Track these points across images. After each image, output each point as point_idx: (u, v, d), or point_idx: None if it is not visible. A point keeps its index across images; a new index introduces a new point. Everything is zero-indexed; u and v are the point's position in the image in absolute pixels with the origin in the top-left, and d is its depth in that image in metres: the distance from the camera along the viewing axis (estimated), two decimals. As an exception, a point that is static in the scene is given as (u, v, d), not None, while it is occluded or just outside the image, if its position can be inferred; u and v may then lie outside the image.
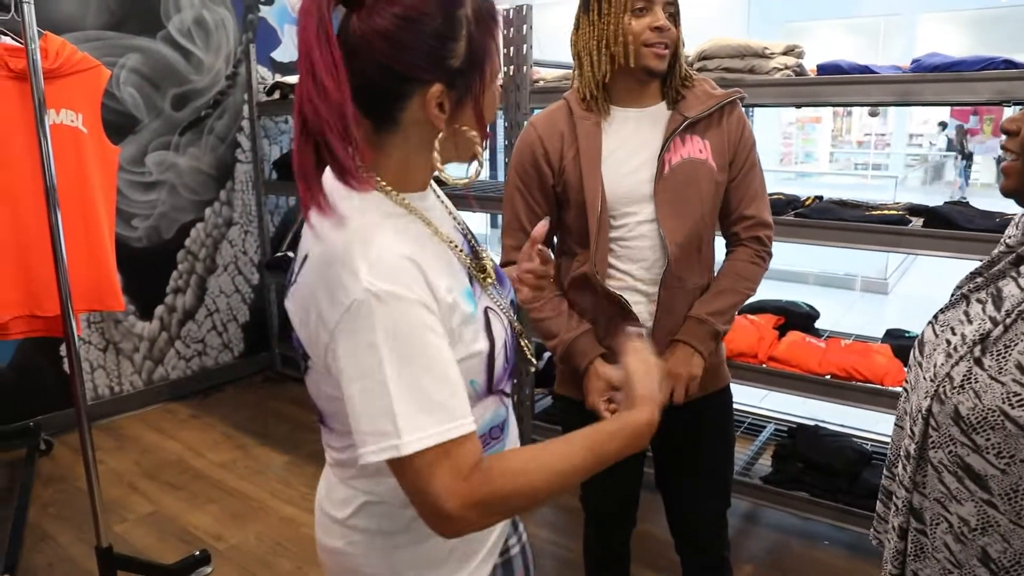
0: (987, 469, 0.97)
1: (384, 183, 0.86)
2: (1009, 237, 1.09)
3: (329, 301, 0.78)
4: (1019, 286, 1.00)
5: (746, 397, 3.10)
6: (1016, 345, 0.96)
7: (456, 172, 0.91)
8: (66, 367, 3.29)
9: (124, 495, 2.87)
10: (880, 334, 2.62)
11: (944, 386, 1.02)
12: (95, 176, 2.32)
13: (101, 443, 3.26)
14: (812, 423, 2.72)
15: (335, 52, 0.76)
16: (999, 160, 1.07)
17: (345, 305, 0.77)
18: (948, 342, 1.07)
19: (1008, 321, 0.98)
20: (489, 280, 0.95)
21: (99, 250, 2.36)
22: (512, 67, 2.60)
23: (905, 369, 1.20)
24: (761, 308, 2.64)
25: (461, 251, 0.92)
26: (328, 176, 0.82)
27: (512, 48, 2.60)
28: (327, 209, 0.78)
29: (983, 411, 0.96)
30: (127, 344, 3.63)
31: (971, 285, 1.10)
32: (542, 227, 1.07)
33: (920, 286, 6.36)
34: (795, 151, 13.12)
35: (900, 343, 2.39)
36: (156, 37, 3.53)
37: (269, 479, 2.99)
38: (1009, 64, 1.95)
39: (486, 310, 0.90)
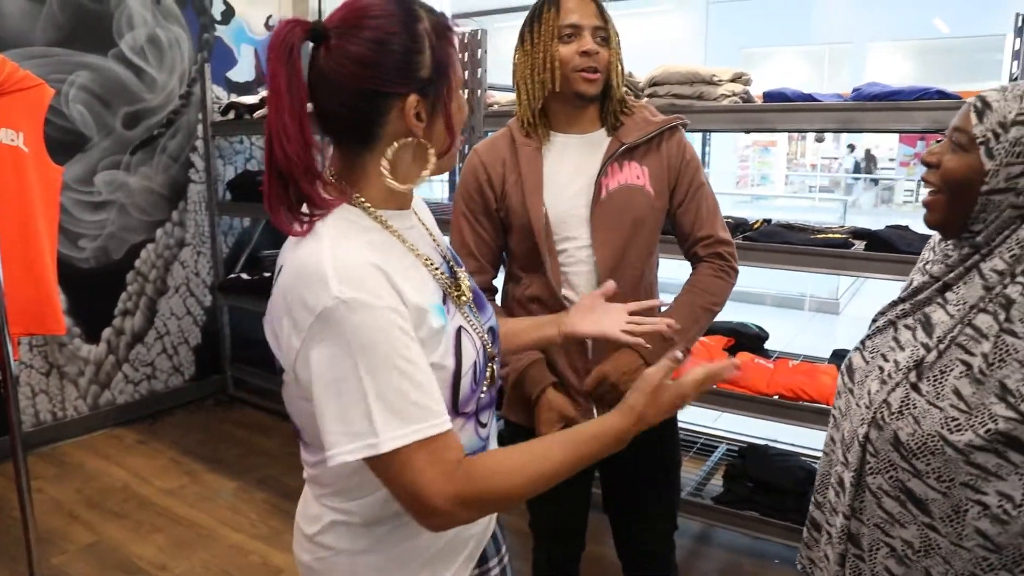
0: (928, 493, 0.99)
1: (363, 200, 0.90)
2: (927, 263, 1.13)
3: (300, 308, 0.82)
4: (947, 313, 1.03)
5: (699, 417, 3.13)
6: (952, 371, 0.98)
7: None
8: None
9: (64, 525, 2.77)
10: (829, 354, 2.67)
11: (882, 412, 1.04)
12: (36, 196, 2.26)
13: (41, 471, 3.15)
14: (763, 443, 2.75)
15: (302, 93, 0.83)
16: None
17: (316, 312, 0.80)
18: (881, 368, 1.09)
19: (942, 347, 1.00)
20: (465, 299, 0.98)
21: (39, 272, 2.30)
22: (467, 91, 2.62)
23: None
24: (711, 330, 2.68)
25: (437, 269, 0.95)
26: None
27: (467, 72, 2.61)
28: (294, 231, 0.86)
29: (923, 437, 0.98)
30: (72, 368, 3.53)
31: (896, 312, 1.12)
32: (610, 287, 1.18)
33: (870, 306, 6.39)
34: (752, 174, 13.41)
35: (846, 363, 2.43)
36: (107, 55, 3.47)
37: (218, 506, 2.92)
38: (942, 94, 2.04)
39: (459, 330, 0.93)
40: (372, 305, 0.80)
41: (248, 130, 3.87)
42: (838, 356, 2.60)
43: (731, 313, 3.03)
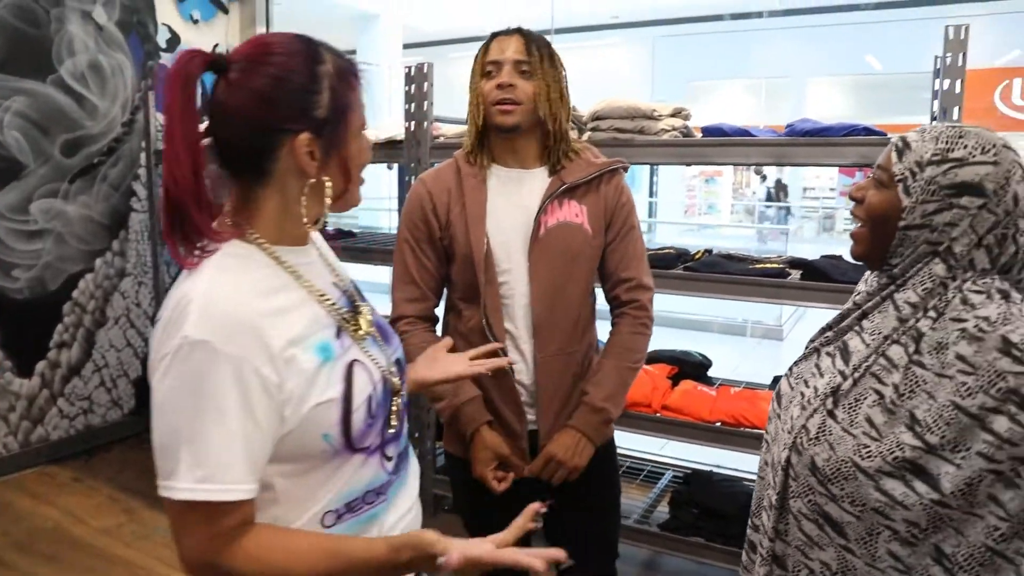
0: (843, 516, 1.03)
1: (258, 236, 0.90)
2: (858, 293, 1.18)
3: (162, 341, 0.83)
4: (863, 341, 1.08)
5: (645, 445, 3.16)
6: (865, 399, 1.02)
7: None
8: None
9: (-11, 569, 2.65)
10: (770, 380, 2.74)
11: (801, 437, 1.07)
12: (-35, 227, 2.19)
13: (-34, 512, 3.01)
14: (707, 469, 2.79)
15: (195, 122, 0.84)
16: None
17: (168, 347, 0.82)
18: (802, 394, 1.13)
19: (857, 376, 1.05)
20: (361, 333, 0.97)
21: (-33, 304, 2.22)
22: (413, 123, 2.64)
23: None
24: (656, 358, 2.72)
25: (333, 304, 0.95)
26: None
27: (413, 104, 2.63)
28: (187, 263, 0.87)
29: (837, 462, 1.02)
30: (2, 403, 3.38)
31: (822, 339, 1.17)
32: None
33: (813, 333, 6.67)
34: (699, 203, 13.75)
35: (785, 390, 2.50)
36: (46, 80, 3.40)
37: (156, 544, 2.82)
38: (869, 131, 2.13)
39: (352, 363, 0.92)
40: (217, 351, 0.80)
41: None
42: (777, 382, 2.66)
43: (676, 341, 3.09)
